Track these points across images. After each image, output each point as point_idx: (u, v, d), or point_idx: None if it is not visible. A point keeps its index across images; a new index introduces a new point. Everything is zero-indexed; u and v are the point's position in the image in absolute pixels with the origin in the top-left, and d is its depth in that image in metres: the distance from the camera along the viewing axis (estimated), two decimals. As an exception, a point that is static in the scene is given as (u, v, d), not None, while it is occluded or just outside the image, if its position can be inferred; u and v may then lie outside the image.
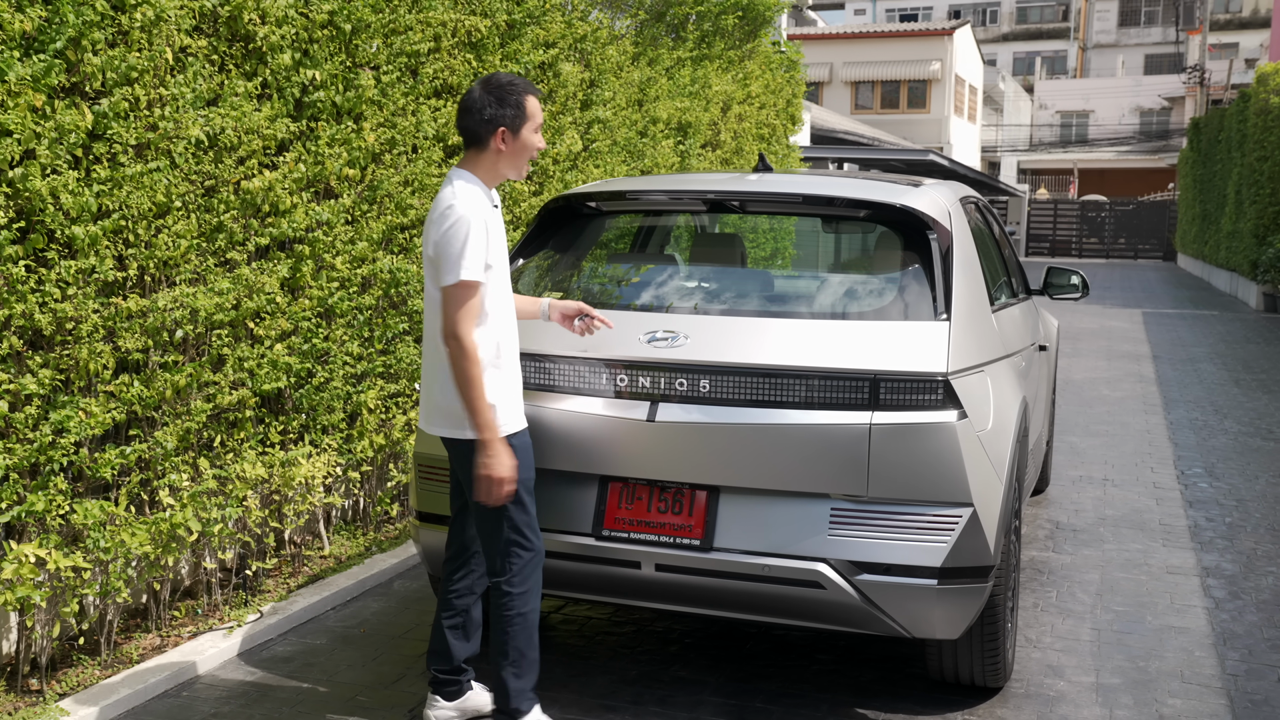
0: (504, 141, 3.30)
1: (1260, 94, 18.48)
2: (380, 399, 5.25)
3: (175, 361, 4.09)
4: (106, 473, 3.80)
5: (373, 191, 5.07)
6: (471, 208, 3.20)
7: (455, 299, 3.17)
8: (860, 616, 3.43)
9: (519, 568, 3.32)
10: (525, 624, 3.33)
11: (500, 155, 3.32)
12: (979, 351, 3.68)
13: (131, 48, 3.82)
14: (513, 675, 3.34)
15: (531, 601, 3.34)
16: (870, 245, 4.46)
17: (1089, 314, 17.26)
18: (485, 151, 3.32)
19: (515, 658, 3.34)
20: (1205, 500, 6.42)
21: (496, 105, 3.28)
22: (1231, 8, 53.57)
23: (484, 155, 3.32)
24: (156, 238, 3.97)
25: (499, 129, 3.28)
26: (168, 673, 3.87)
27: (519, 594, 3.32)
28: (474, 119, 3.29)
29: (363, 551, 5.20)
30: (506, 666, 3.34)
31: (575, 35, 6.91)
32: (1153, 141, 49.55)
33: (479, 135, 3.30)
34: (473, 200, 3.22)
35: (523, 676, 3.36)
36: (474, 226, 3.18)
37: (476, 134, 3.31)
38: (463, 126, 3.33)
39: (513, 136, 3.31)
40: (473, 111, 3.29)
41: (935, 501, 3.38)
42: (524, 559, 3.33)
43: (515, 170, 3.38)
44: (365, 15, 4.88)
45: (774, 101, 11.44)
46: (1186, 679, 4.01)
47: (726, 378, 3.49)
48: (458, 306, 3.17)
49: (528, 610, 3.33)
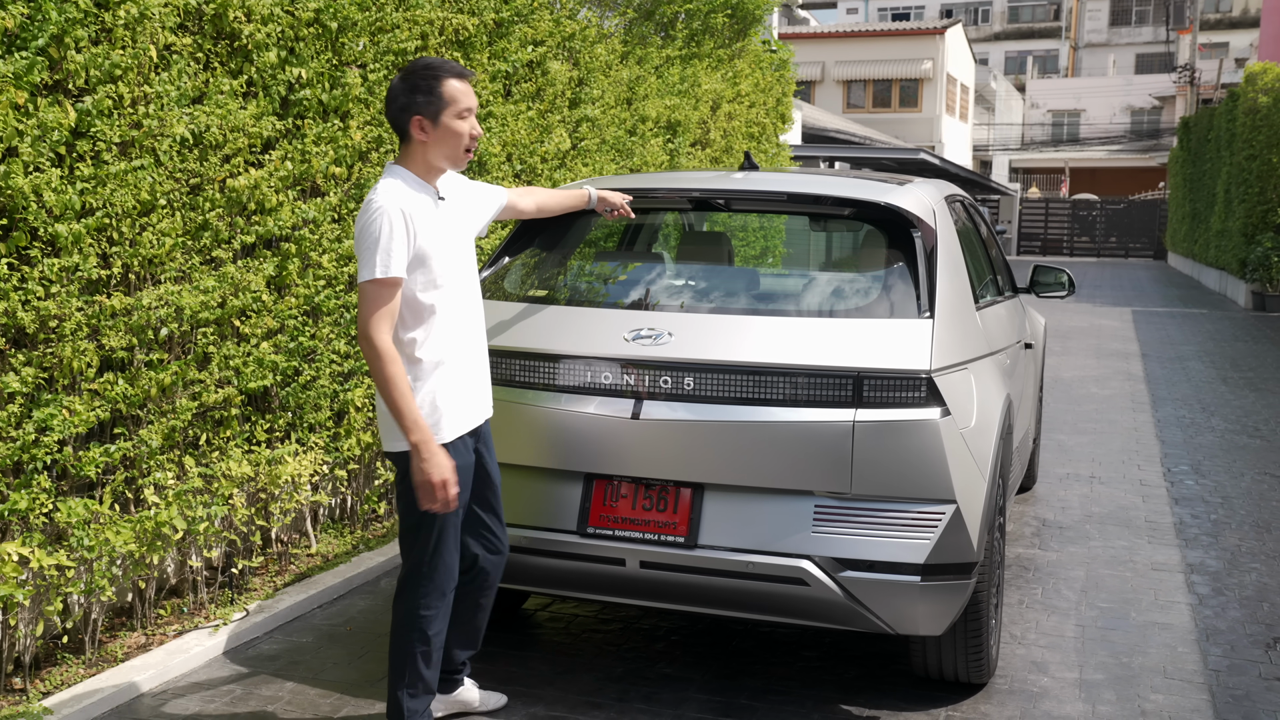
0: (423, 130, 3.14)
1: (1249, 93, 18.54)
2: (367, 397, 5.24)
3: (160, 360, 4.08)
4: (91, 471, 3.80)
5: (359, 190, 5.07)
6: (391, 201, 3.05)
7: (367, 297, 3.02)
8: (844, 613, 3.44)
9: (431, 588, 3.23)
10: (431, 646, 3.25)
11: (425, 145, 3.16)
12: (963, 349, 3.69)
13: (115, 45, 3.82)
14: (408, 695, 3.27)
15: (439, 624, 3.26)
16: (856, 243, 4.47)
17: (1079, 312, 17.30)
18: (410, 142, 3.18)
19: (413, 679, 3.26)
20: (1191, 497, 6.44)
21: (409, 93, 3.13)
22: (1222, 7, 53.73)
23: (410, 146, 3.18)
24: (141, 236, 3.97)
25: (414, 117, 3.13)
26: (152, 671, 3.87)
27: (429, 615, 3.23)
28: (392, 108, 3.17)
29: (350, 550, 5.20)
30: (403, 687, 3.26)
31: (563, 33, 6.91)
32: (1143, 140, 49.67)
33: (399, 125, 3.18)
34: (394, 193, 3.08)
35: (418, 697, 3.28)
36: (393, 220, 3.03)
37: (396, 124, 3.18)
38: (389, 118, 3.21)
39: (432, 124, 3.14)
40: (390, 101, 3.17)
41: (918, 499, 3.39)
42: (440, 580, 3.24)
43: (447, 159, 3.21)
44: (352, 13, 4.88)
45: (764, 100, 11.45)
46: (1169, 674, 4.03)
47: (711, 375, 3.50)
48: (372, 306, 3.02)
49: (433, 633, 3.25)
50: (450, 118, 3.15)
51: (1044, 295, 5.93)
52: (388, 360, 3.02)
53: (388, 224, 3.03)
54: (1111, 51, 57.22)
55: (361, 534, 5.41)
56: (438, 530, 3.20)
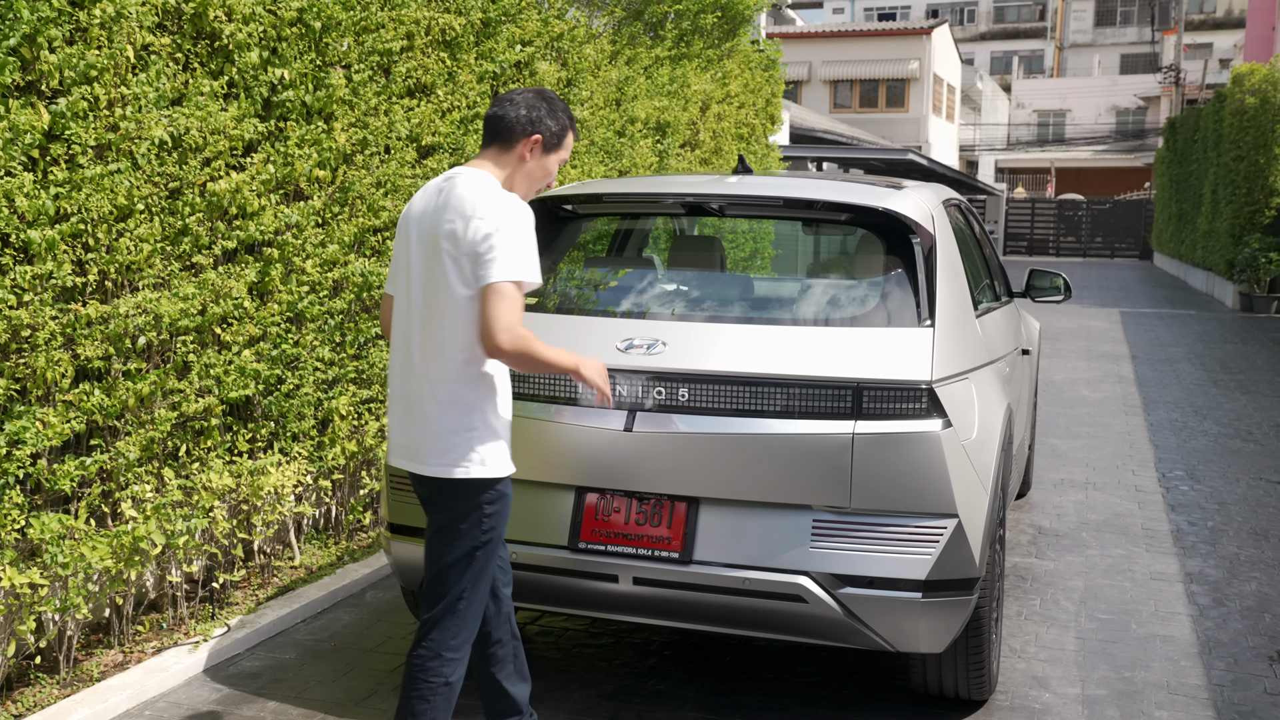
0: (531, 152, 3.01)
1: (1236, 94, 18.55)
2: (352, 405, 5.13)
3: (138, 369, 3.97)
4: (65, 485, 3.68)
5: (344, 193, 4.95)
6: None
7: (512, 298, 2.82)
8: (843, 631, 3.35)
9: (461, 630, 2.97)
10: (451, 693, 2.97)
11: (522, 165, 3.02)
12: (963, 359, 3.61)
13: (90, 45, 3.70)
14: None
15: (461, 670, 2.99)
16: (852, 248, 4.38)
17: (1068, 314, 17.27)
18: (509, 153, 3.01)
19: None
20: (1187, 504, 6.38)
21: (546, 112, 3.03)
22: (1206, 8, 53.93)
23: (505, 157, 3.01)
24: (118, 242, 3.85)
25: (534, 135, 3.00)
26: (130, 691, 3.75)
27: (454, 659, 2.96)
28: (514, 113, 2.99)
29: (334, 561, 5.08)
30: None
31: (552, 34, 6.81)
32: (1129, 141, 49.83)
33: (511, 133, 2.99)
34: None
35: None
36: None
37: (510, 130, 3.00)
38: (495, 117, 3.01)
39: (541, 152, 3.03)
40: (517, 106, 3.00)
41: (919, 513, 3.30)
42: (471, 622, 2.98)
43: (522, 191, 3.04)
44: (336, 12, 4.77)
45: (753, 101, 11.36)
46: (1173, 690, 3.95)
47: (706, 386, 3.40)
48: (516, 308, 2.83)
49: (455, 679, 2.97)
50: (554, 159, 3.09)
51: (1040, 300, 5.85)
52: (533, 342, 2.83)
53: (531, 227, 2.89)
54: (1097, 52, 57.38)
55: (346, 545, 5.29)
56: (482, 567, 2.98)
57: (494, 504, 2.95)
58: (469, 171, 2.97)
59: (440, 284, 2.89)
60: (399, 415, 3.03)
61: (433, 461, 2.92)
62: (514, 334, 2.80)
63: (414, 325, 2.97)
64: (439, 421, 2.90)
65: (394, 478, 3.76)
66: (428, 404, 2.92)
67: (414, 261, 2.98)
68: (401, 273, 3.04)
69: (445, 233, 2.89)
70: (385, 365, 5.28)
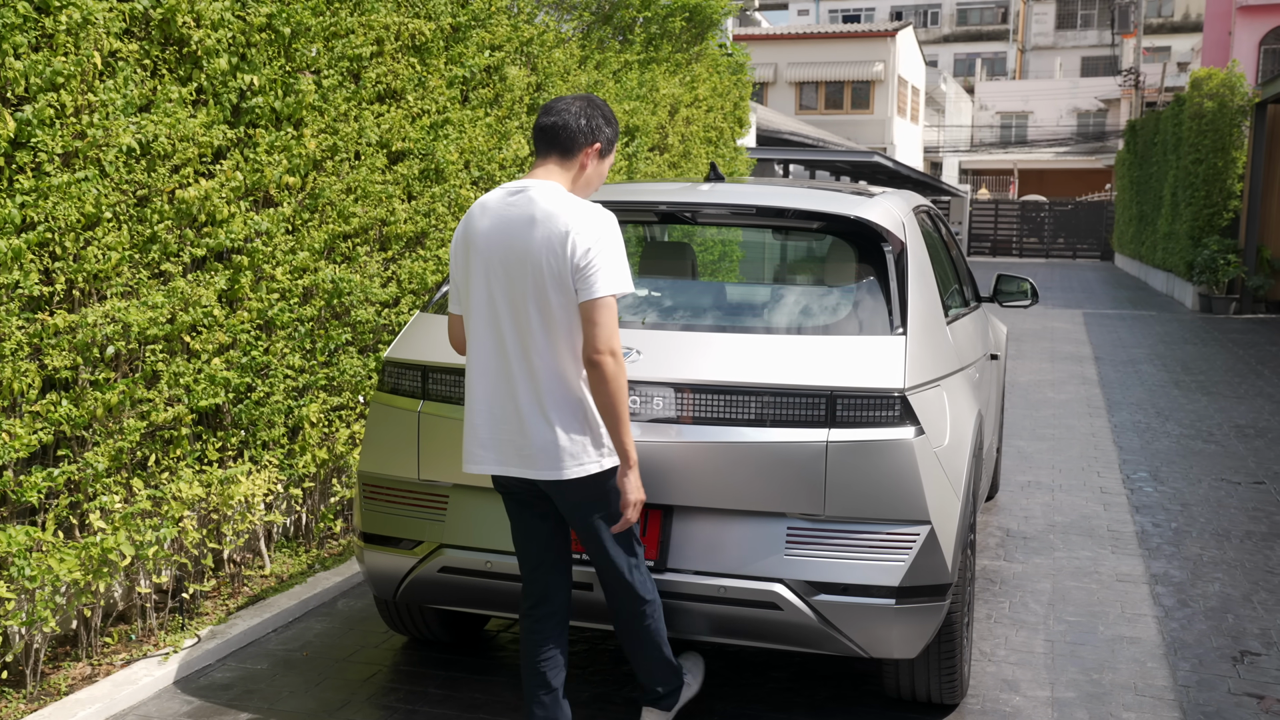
0: (590, 160, 3.04)
1: (1194, 98, 18.80)
2: (323, 412, 5.10)
3: (106, 379, 3.93)
4: (32, 496, 3.64)
5: (314, 200, 4.93)
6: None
7: (611, 311, 2.92)
8: (817, 637, 3.37)
9: (646, 575, 3.24)
10: (663, 630, 3.34)
11: (582, 173, 3.05)
12: (935, 366, 3.64)
13: (57, 52, 3.66)
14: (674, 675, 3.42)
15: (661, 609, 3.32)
16: (825, 256, 4.40)
17: (1031, 314, 17.44)
18: (570, 161, 3.03)
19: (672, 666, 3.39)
20: (1151, 505, 6.46)
21: (603, 119, 3.04)
22: (1164, 12, 54.63)
23: (568, 165, 3.03)
24: (85, 250, 3.81)
25: (595, 143, 3.03)
26: (99, 704, 3.71)
27: (654, 601, 3.27)
28: (575, 122, 3.00)
29: (305, 569, 5.05)
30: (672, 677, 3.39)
31: (521, 38, 6.80)
32: (1090, 143, 50.41)
33: (573, 142, 3.00)
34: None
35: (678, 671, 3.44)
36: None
37: (571, 139, 3.00)
38: (556, 127, 3.00)
39: (599, 158, 3.07)
40: (575, 115, 3.01)
41: (892, 520, 3.33)
42: (645, 565, 3.27)
43: (582, 194, 3.09)
44: (305, 18, 4.74)
45: (721, 104, 11.40)
46: (1140, 691, 4.00)
47: (680, 395, 3.41)
48: (614, 320, 2.93)
49: (659, 616, 3.31)
50: (607, 164, 3.15)
51: (1007, 304, 5.91)
52: (624, 378, 2.95)
53: (620, 236, 2.96)
54: (1058, 54, 58.00)
55: (317, 553, 5.26)
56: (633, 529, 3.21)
57: (614, 480, 3.10)
58: (541, 185, 2.98)
59: (532, 298, 2.94)
60: (494, 426, 3.06)
61: (566, 465, 3.01)
62: (619, 355, 2.92)
63: (507, 341, 3.00)
64: (562, 427, 3.00)
65: (367, 486, 3.74)
66: (541, 414, 2.99)
67: (492, 279, 3.00)
68: (479, 290, 3.03)
69: (539, 246, 2.91)
70: (354, 372, 5.25)
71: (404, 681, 4.02)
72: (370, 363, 5.38)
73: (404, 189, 5.62)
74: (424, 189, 5.76)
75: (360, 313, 5.24)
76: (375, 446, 3.75)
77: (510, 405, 3.02)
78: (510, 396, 3.02)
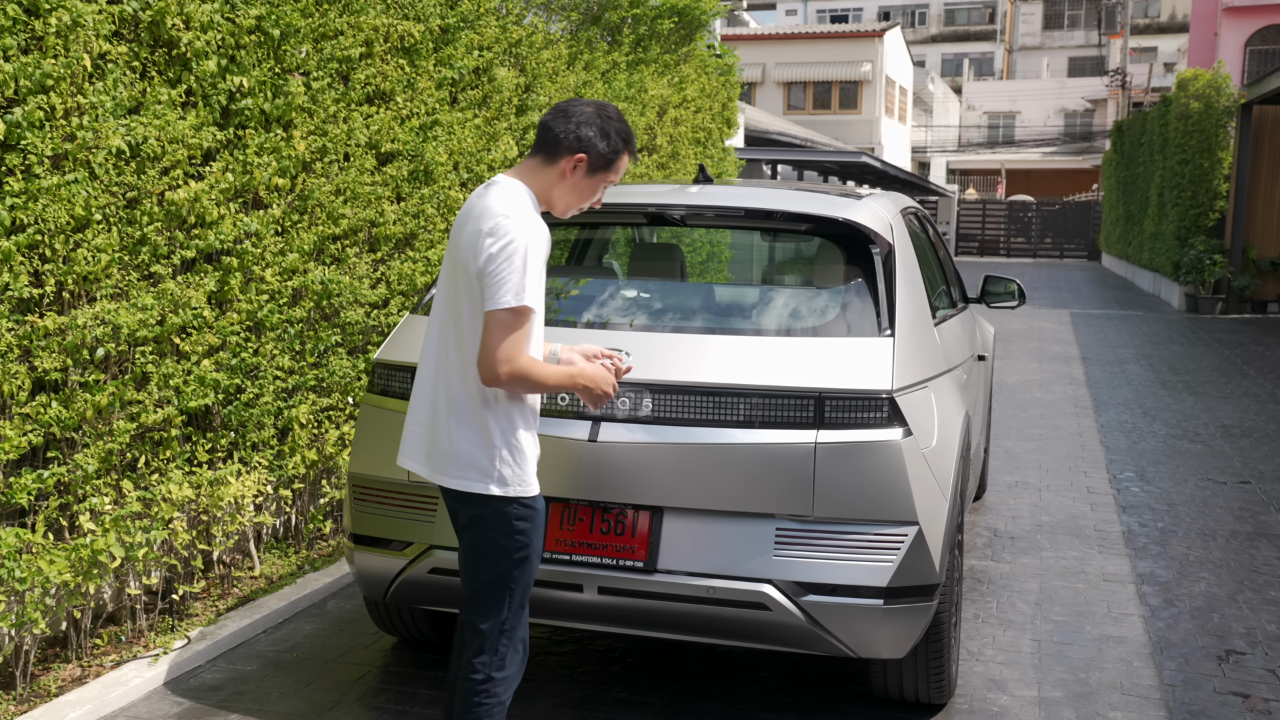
0: (574, 169, 2.92)
1: (1181, 99, 18.89)
2: (312, 413, 5.11)
3: (96, 380, 3.92)
4: (22, 498, 3.64)
5: (303, 201, 4.93)
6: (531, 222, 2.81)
7: (502, 324, 2.76)
8: (806, 638, 3.39)
9: (507, 649, 2.93)
10: (503, 712, 2.95)
11: (562, 180, 2.93)
12: (923, 367, 3.66)
13: (46, 54, 3.65)
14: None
15: (513, 688, 2.97)
16: (813, 258, 4.43)
17: (1019, 314, 17.50)
18: (551, 167, 2.93)
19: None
20: (1138, 505, 6.50)
21: (598, 133, 2.92)
22: (1150, 13, 54.87)
23: (546, 170, 2.93)
24: (75, 252, 3.81)
25: (580, 154, 2.91)
26: (89, 706, 3.71)
27: (503, 678, 2.93)
28: (568, 127, 2.91)
29: (295, 570, 5.05)
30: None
31: (510, 39, 6.81)
32: (1077, 143, 50.60)
33: (557, 146, 2.91)
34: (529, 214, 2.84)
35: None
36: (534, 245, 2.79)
37: (555, 144, 2.91)
38: (545, 127, 2.94)
39: (585, 172, 2.93)
40: (570, 120, 2.92)
41: (881, 520, 3.35)
42: (515, 640, 2.95)
43: (562, 206, 2.98)
44: (294, 20, 4.74)
45: (709, 105, 11.42)
46: (1126, 690, 4.03)
47: (669, 396, 3.43)
48: (504, 333, 2.76)
49: (507, 698, 2.95)
50: (600, 179, 2.99)
51: (994, 305, 5.94)
52: (532, 370, 2.80)
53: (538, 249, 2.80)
54: (1045, 55, 58.20)
55: (306, 554, 5.27)
56: (522, 585, 2.94)
57: (524, 520, 2.90)
58: (505, 182, 2.90)
59: (462, 296, 2.86)
60: (414, 422, 3.00)
61: (451, 473, 2.89)
62: (517, 371, 2.76)
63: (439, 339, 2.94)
64: (459, 435, 2.86)
65: (357, 488, 3.75)
66: (446, 416, 2.89)
67: (443, 273, 2.97)
68: (438, 284, 3.00)
69: (465, 245, 2.84)
70: (344, 373, 5.26)
71: (394, 682, 4.03)
72: (360, 364, 5.38)
73: (393, 190, 5.62)
74: (413, 190, 5.76)
75: (349, 314, 5.24)
76: (365, 448, 3.76)
77: (426, 403, 2.96)
78: (429, 394, 2.95)
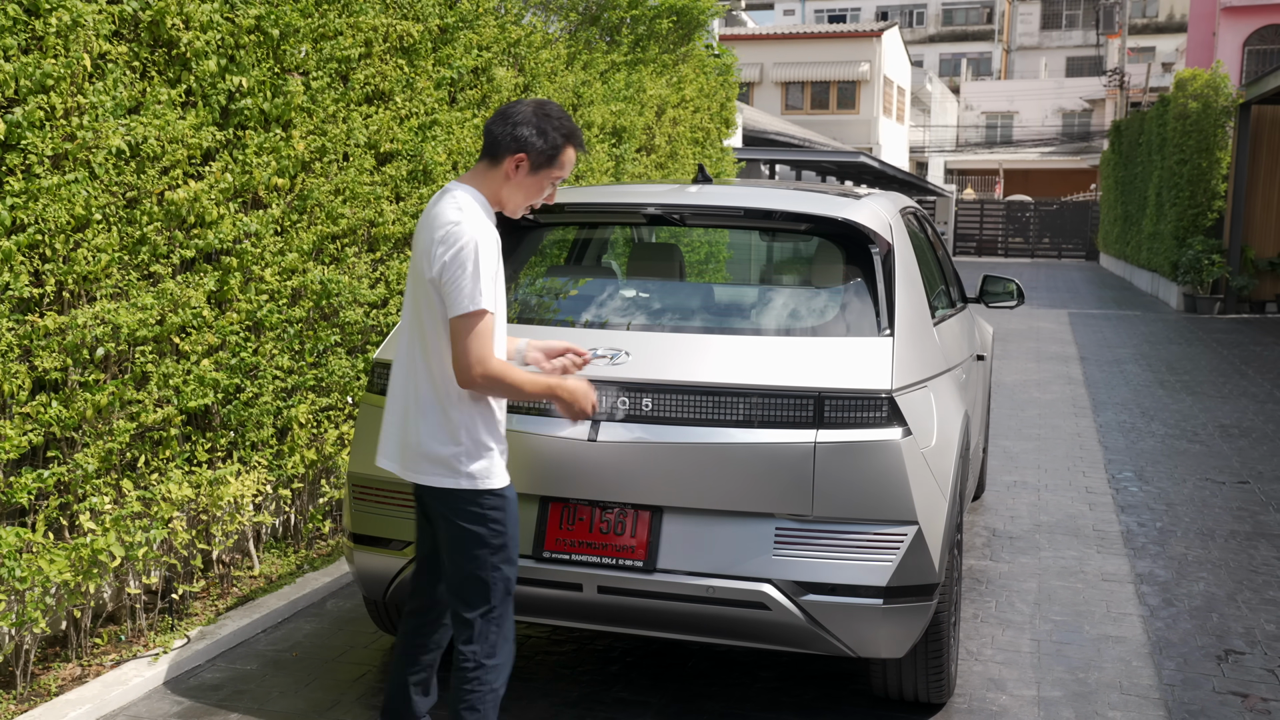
0: (517, 169, 2.99)
1: (1179, 99, 18.91)
2: (311, 413, 5.11)
3: (96, 380, 3.93)
4: (22, 498, 3.64)
5: (303, 201, 4.93)
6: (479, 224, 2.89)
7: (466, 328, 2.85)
8: (805, 637, 3.40)
9: (497, 637, 3.01)
10: (496, 700, 3.01)
11: (506, 182, 3.00)
12: (922, 367, 3.67)
13: (47, 54, 3.66)
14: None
15: (505, 675, 3.03)
16: (813, 258, 4.43)
17: (1017, 314, 17.51)
18: (496, 169, 3.00)
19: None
20: (1136, 505, 6.51)
21: (535, 131, 2.97)
22: (1148, 13, 54.89)
23: (492, 173, 3.01)
24: (75, 252, 3.81)
25: (519, 154, 2.97)
26: (89, 705, 3.71)
27: (494, 665, 2.99)
28: (505, 129, 2.98)
29: (294, 570, 5.06)
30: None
31: (509, 39, 6.81)
32: (1075, 143, 50.62)
33: (497, 148, 2.99)
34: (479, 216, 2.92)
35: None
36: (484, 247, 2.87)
37: (496, 145, 2.99)
38: (489, 131, 3.01)
39: (529, 171, 3.00)
40: (507, 121, 2.98)
41: (880, 520, 3.35)
42: (504, 628, 3.02)
43: (512, 206, 3.05)
44: (294, 20, 4.74)
45: (708, 105, 11.42)
46: (1125, 690, 4.04)
47: (669, 396, 3.43)
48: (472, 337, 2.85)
49: (500, 686, 3.01)
50: (545, 176, 3.04)
51: (993, 305, 5.95)
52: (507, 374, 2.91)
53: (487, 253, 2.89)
54: (1043, 55, 58.21)
55: (306, 553, 5.27)
56: (505, 574, 3.01)
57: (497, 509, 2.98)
58: (456, 189, 2.99)
59: (422, 300, 2.96)
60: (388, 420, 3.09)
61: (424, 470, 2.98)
62: (490, 373, 2.86)
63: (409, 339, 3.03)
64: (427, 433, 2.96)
65: (356, 487, 3.76)
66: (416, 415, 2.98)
67: (409, 277, 3.06)
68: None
69: (421, 250, 2.96)
70: (343, 373, 5.26)
71: (394, 682, 4.03)
72: (359, 363, 5.38)
73: (392, 190, 5.63)
74: (412, 190, 5.76)
75: (349, 314, 5.24)
76: (364, 447, 3.76)
77: (399, 404, 3.05)
78: (401, 395, 3.05)
